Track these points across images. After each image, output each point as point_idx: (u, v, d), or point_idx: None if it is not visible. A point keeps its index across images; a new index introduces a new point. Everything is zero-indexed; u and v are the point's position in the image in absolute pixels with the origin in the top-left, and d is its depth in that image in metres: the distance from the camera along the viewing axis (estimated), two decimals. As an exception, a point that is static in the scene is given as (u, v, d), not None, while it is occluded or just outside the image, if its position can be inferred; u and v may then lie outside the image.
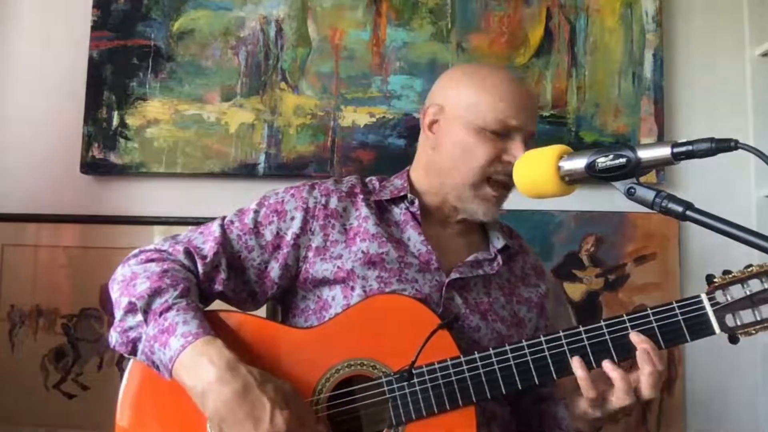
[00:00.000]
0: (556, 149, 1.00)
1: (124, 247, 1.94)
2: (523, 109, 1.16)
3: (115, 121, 2.02)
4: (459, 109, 1.18)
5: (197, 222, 1.88)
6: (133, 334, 1.04)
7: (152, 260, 1.10)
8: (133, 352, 1.05)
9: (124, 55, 2.03)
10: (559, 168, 0.98)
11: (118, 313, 1.07)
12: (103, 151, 2.01)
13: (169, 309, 1.02)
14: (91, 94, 2.03)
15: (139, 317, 1.03)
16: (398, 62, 2.00)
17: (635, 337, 1.01)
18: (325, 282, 1.15)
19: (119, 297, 1.07)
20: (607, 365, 1.01)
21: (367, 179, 1.29)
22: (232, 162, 1.99)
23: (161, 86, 2.02)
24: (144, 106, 2.02)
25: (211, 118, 2.01)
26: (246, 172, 1.98)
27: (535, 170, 1.01)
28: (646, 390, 1.00)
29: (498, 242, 1.23)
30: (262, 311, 1.36)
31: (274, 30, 2.03)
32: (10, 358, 1.96)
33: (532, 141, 1.19)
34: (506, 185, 1.19)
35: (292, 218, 1.17)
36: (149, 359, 1.03)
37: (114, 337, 1.06)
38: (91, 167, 2.01)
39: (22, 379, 1.94)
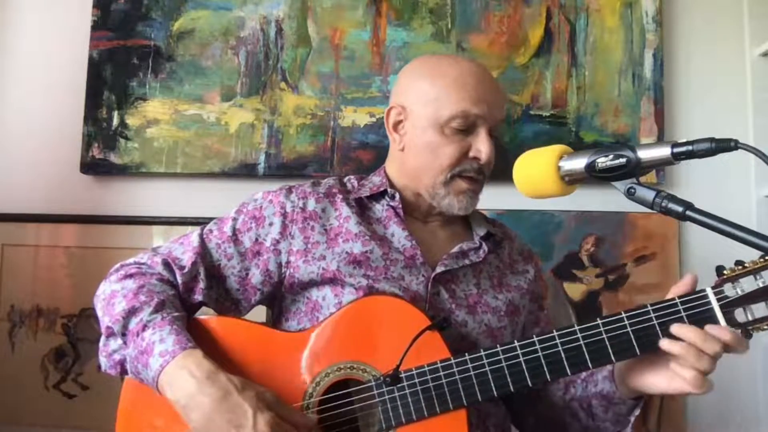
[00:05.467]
0: (556, 149, 1.00)
1: (124, 247, 1.94)
2: (483, 99, 1.16)
3: (115, 121, 2.02)
4: (420, 108, 1.18)
5: (197, 222, 1.91)
6: (118, 357, 1.06)
7: (130, 276, 1.10)
8: (124, 372, 1.07)
9: (124, 55, 2.03)
10: (559, 168, 0.98)
11: (102, 338, 1.09)
12: (103, 151, 2.01)
13: (144, 328, 1.02)
14: (91, 94, 2.03)
15: (120, 340, 1.05)
16: (398, 62, 1.99)
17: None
18: (312, 284, 1.14)
19: (102, 317, 1.09)
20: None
21: (345, 179, 1.28)
22: (232, 162, 1.99)
23: (161, 86, 2.02)
24: (144, 106, 2.02)
25: (211, 118, 2.01)
26: (246, 172, 1.98)
27: (535, 170, 1.01)
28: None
29: (481, 230, 1.23)
30: (261, 315, 1.36)
31: (274, 30, 2.03)
32: (10, 358, 1.96)
33: (503, 127, 1.17)
34: (478, 179, 1.19)
35: (271, 224, 1.17)
36: (138, 378, 1.04)
37: (103, 362, 1.09)
38: (91, 167, 2.01)
39: (22, 379, 1.94)
